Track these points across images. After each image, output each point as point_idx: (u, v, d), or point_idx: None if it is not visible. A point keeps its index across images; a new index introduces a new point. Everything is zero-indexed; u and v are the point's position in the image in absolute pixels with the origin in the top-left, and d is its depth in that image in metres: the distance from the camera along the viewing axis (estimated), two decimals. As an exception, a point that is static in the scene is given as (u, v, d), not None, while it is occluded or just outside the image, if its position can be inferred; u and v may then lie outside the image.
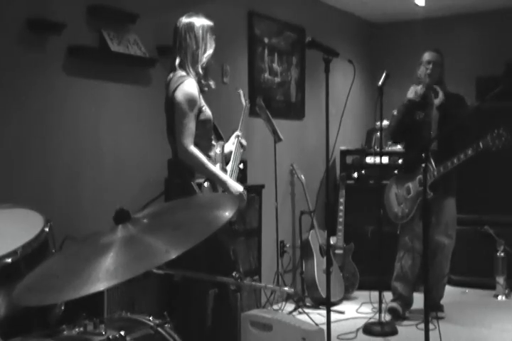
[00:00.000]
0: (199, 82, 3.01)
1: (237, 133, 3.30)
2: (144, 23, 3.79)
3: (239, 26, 4.73)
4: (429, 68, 4.31)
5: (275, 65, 5.08)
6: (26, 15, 3.13)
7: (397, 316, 4.36)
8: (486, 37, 5.99)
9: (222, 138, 3.20)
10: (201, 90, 3.02)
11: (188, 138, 2.91)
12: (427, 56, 4.37)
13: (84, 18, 3.47)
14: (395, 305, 4.39)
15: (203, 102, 3.02)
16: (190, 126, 2.92)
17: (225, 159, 3.18)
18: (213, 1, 4.41)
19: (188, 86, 2.93)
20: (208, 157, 3.01)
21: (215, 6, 4.42)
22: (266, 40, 4.97)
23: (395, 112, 4.49)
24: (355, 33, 6.38)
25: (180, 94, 2.92)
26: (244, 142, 3.30)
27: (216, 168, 3.00)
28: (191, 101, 2.92)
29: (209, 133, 3.08)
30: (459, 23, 6.15)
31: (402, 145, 4.99)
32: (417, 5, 5.67)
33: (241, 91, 3.59)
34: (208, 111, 3.04)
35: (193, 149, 2.92)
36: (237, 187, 3.02)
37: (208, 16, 4.44)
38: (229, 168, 3.16)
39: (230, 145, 3.25)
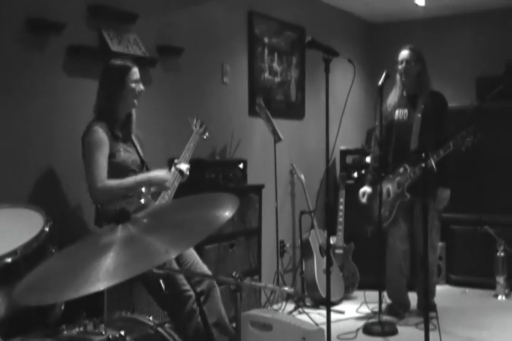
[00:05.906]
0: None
1: (175, 161, 3.28)
2: (144, 23, 3.79)
3: (239, 26, 4.73)
4: (403, 67, 4.26)
5: (275, 65, 5.07)
6: (26, 15, 3.13)
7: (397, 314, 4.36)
8: (486, 37, 5.99)
9: None
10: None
11: None
12: (399, 56, 4.31)
13: (85, 18, 3.47)
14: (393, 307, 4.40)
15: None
16: None
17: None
18: (213, 1, 4.41)
19: None
20: None
21: (215, 6, 4.42)
22: (266, 40, 4.97)
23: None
24: (355, 33, 6.38)
25: None
26: (183, 167, 3.22)
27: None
28: None
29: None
30: (459, 23, 6.15)
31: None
32: (417, 5, 5.67)
33: (194, 120, 3.60)
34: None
35: None
36: (161, 175, 3.01)
37: (208, 16, 4.45)
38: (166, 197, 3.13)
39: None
